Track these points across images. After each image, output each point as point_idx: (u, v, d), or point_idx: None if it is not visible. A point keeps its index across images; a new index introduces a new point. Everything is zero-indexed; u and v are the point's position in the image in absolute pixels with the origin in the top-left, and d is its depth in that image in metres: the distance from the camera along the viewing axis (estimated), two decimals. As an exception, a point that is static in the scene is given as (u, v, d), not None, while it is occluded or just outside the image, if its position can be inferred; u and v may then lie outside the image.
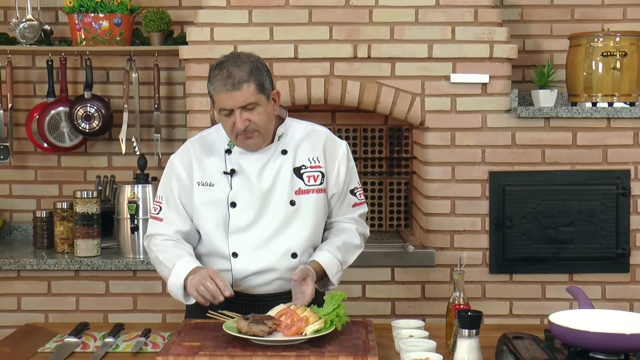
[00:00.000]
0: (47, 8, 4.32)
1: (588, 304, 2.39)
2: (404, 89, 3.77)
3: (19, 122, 4.35)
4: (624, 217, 3.83)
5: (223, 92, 2.50)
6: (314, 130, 2.73)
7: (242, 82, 2.50)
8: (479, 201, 3.81)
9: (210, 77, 2.55)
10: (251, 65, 2.53)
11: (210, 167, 2.66)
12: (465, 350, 2.16)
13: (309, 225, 2.66)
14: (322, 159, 2.68)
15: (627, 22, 4.16)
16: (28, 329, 2.73)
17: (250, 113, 2.53)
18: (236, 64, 2.52)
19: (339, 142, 2.75)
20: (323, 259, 2.64)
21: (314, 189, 2.66)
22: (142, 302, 3.95)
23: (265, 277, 2.65)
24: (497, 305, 3.82)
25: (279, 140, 2.67)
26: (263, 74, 2.56)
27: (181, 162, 2.69)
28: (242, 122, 2.52)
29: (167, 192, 2.70)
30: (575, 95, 3.90)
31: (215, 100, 2.56)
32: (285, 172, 2.64)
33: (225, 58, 2.57)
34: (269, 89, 2.58)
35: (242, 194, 2.62)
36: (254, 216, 2.62)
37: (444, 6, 3.77)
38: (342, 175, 2.71)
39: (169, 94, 4.38)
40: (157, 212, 2.72)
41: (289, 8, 3.78)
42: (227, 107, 2.52)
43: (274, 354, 2.22)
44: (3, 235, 4.40)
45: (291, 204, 2.63)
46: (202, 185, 2.65)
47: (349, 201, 2.77)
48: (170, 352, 2.26)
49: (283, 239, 2.63)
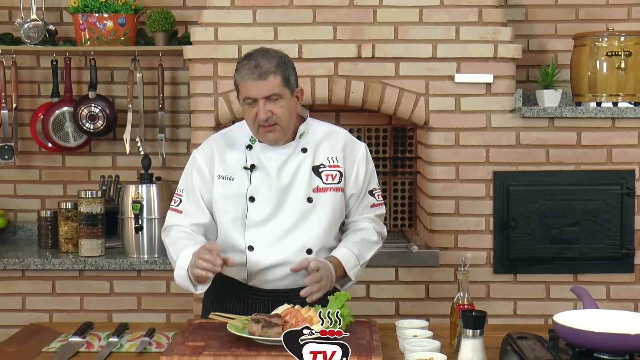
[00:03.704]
0: (51, 8, 4.32)
1: (592, 304, 2.39)
2: (408, 89, 3.77)
3: (23, 122, 4.36)
4: (629, 217, 3.82)
5: (249, 81, 2.57)
6: (334, 131, 2.79)
7: (269, 73, 2.57)
8: (483, 201, 3.81)
9: (238, 66, 2.63)
10: (279, 59, 2.61)
11: (231, 161, 2.71)
12: (470, 350, 2.16)
13: (325, 222, 2.69)
14: (341, 159, 2.73)
15: (631, 22, 4.15)
16: (32, 329, 2.74)
17: (274, 105, 2.59)
18: (265, 56, 2.60)
19: (358, 143, 2.80)
20: (339, 253, 2.68)
21: (332, 187, 2.70)
22: (146, 302, 3.96)
23: (279, 272, 2.66)
24: (502, 305, 3.82)
25: (299, 139, 2.72)
26: (290, 69, 2.64)
27: (203, 156, 2.74)
28: (265, 113, 2.58)
29: (187, 185, 2.75)
30: (579, 95, 3.90)
31: (240, 89, 2.62)
32: (304, 169, 2.69)
33: (254, 51, 2.65)
34: (294, 85, 2.65)
35: (261, 189, 2.67)
36: (271, 211, 2.66)
37: (448, 6, 3.76)
38: (361, 176, 2.76)
39: (173, 93, 4.38)
40: (176, 204, 2.77)
41: (293, 8, 3.78)
42: (251, 95, 2.59)
43: (278, 354, 2.22)
44: (7, 235, 4.41)
45: (308, 200, 2.67)
46: (222, 178, 2.70)
47: (367, 202, 2.81)
48: (174, 352, 2.26)
49: (299, 234, 2.66)
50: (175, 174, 4.36)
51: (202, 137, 3.77)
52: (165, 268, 3.88)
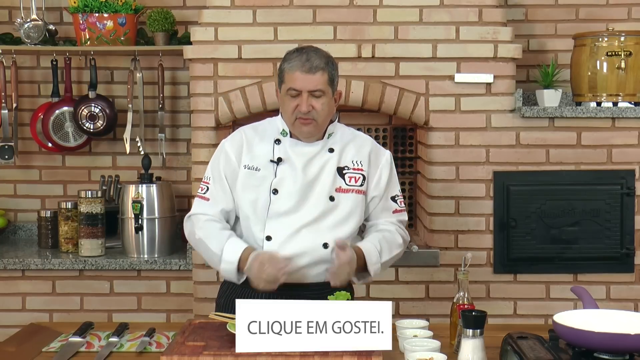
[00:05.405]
0: (51, 8, 4.32)
1: (592, 304, 2.39)
2: (408, 89, 3.77)
3: (23, 122, 4.36)
4: (629, 217, 3.82)
5: (298, 72, 2.64)
6: (360, 136, 2.87)
7: (319, 68, 2.65)
8: (483, 201, 3.81)
9: (287, 57, 2.70)
10: (328, 58, 2.71)
11: (259, 153, 2.75)
12: (470, 350, 2.16)
13: (344, 221, 2.72)
14: (365, 164, 2.78)
15: (631, 22, 4.15)
16: (33, 329, 2.74)
17: (316, 100, 2.65)
18: (316, 53, 2.70)
19: (383, 150, 2.87)
20: (363, 245, 2.71)
21: (354, 189, 2.75)
22: (146, 302, 3.96)
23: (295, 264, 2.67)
24: (502, 305, 3.82)
25: (328, 139, 2.78)
26: (336, 70, 2.74)
27: (232, 145, 2.78)
28: (307, 106, 2.64)
29: (214, 172, 2.79)
30: (579, 95, 3.90)
31: (286, 79, 2.67)
32: (329, 169, 2.74)
33: (305, 46, 2.75)
34: (336, 86, 2.73)
35: (286, 182, 2.71)
36: (293, 205, 2.69)
37: (448, 6, 3.76)
38: (383, 180, 2.81)
39: (173, 93, 4.38)
40: (204, 191, 2.79)
41: (293, 8, 3.78)
42: (297, 87, 2.65)
43: (279, 354, 2.22)
44: (8, 234, 4.41)
45: (330, 199, 2.71)
46: (248, 168, 2.74)
47: (389, 206, 2.84)
48: (174, 351, 2.26)
49: (317, 230, 2.69)
50: (175, 174, 4.37)
51: (202, 137, 3.79)
52: (165, 268, 3.89)
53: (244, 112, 3.80)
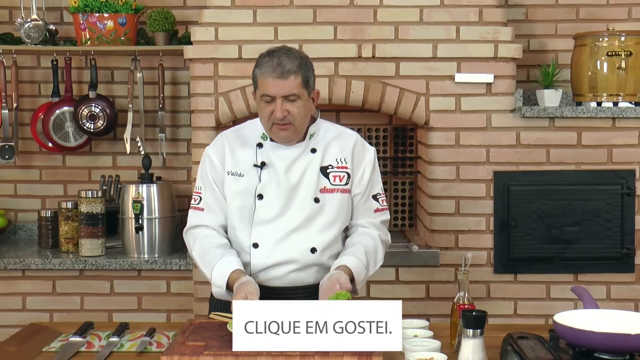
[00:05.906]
0: (52, 8, 4.32)
1: (593, 304, 2.39)
2: (408, 89, 3.77)
3: (23, 122, 4.36)
4: (629, 217, 3.82)
5: (270, 79, 2.58)
6: (344, 132, 2.81)
7: (291, 72, 2.58)
8: (483, 201, 3.81)
9: (259, 62, 2.63)
10: (301, 60, 2.63)
11: (242, 158, 2.72)
12: (470, 350, 2.16)
13: (331, 223, 2.70)
14: (349, 161, 2.74)
15: (632, 22, 4.15)
16: (33, 329, 2.74)
17: (291, 105, 2.60)
18: (287, 55, 2.61)
19: (368, 147, 2.82)
20: (352, 264, 2.65)
21: (339, 188, 2.72)
22: (146, 302, 3.96)
23: (282, 270, 2.68)
24: (502, 305, 3.82)
25: (310, 139, 2.73)
26: (310, 71, 2.66)
27: (215, 152, 2.76)
28: (282, 112, 2.59)
29: (204, 180, 2.77)
30: (580, 95, 3.90)
31: (259, 85, 2.62)
32: (312, 170, 2.70)
33: (277, 48, 2.65)
34: (312, 87, 2.67)
35: (270, 187, 2.68)
36: (279, 209, 2.67)
37: (448, 6, 3.76)
38: (365, 177, 2.77)
39: (173, 93, 4.38)
40: (197, 202, 2.78)
41: (294, 8, 3.78)
42: (270, 93, 2.59)
43: (279, 354, 2.22)
44: (8, 234, 4.41)
45: (315, 201, 2.68)
46: (232, 174, 2.71)
47: (370, 205, 2.81)
48: (174, 351, 2.26)
49: (304, 234, 2.68)
50: (175, 174, 4.37)
51: (203, 137, 3.79)
52: (166, 268, 3.89)
53: (244, 112, 3.80)
